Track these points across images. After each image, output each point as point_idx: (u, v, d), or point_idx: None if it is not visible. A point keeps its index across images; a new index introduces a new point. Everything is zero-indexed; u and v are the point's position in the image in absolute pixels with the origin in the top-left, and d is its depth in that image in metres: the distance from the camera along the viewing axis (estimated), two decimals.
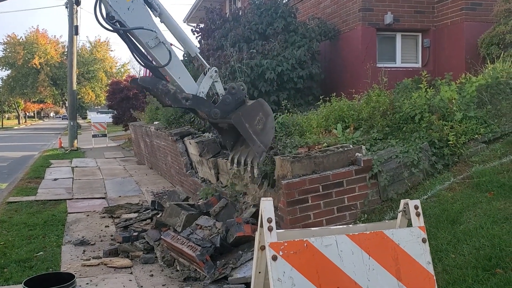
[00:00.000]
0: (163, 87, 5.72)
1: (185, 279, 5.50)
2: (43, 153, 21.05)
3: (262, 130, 5.83)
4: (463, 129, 6.17)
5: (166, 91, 5.71)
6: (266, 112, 5.92)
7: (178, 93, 5.74)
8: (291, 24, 10.14)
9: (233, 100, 5.83)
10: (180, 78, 5.76)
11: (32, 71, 48.52)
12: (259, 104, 5.98)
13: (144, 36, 5.46)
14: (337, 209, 5.55)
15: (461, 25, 9.59)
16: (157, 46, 5.52)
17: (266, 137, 5.87)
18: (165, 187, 11.62)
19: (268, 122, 5.91)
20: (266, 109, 5.97)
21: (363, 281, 2.46)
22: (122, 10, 5.33)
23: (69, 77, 22.78)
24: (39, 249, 6.75)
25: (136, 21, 5.40)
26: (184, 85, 5.79)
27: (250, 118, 5.79)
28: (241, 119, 5.75)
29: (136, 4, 5.39)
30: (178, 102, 5.76)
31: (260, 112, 5.87)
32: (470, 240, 4.34)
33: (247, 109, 5.85)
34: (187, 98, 5.73)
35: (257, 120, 5.81)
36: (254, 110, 5.86)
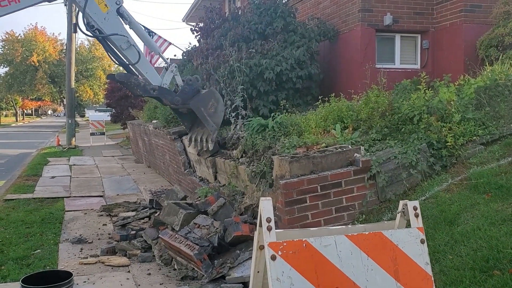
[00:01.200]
0: (135, 80, 7.26)
1: (182, 278, 5.50)
2: (41, 150, 21.01)
3: (214, 113, 7.49)
4: (461, 130, 6.18)
5: (137, 84, 7.26)
6: (217, 99, 7.57)
7: (147, 85, 7.26)
8: (290, 24, 10.13)
9: (190, 89, 7.40)
10: (147, 73, 7.23)
11: (30, 68, 48.44)
12: (211, 92, 7.61)
13: (118, 40, 6.86)
14: (335, 209, 5.56)
15: (460, 27, 9.60)
16: (128, 48, 6.93)
17: (218, 118, 7.53)
18: (163, 185, 11.61)
19: (219, 106, 7.55)
20: (217, 96, 7.65)
21: (362, 281, 2.46)
22: (99, 20, 6.75)
23: (68, 75, 22.75)
24: (37, 247, 6.74)
25: (111, 28, 6.80)
26: (151, 78, 7.26)
27: (204, 103, 7.43)
28: (198, 104, 7.38)
29: (111, 15, 6.84)
30: (147, 92, 7.35)
31: (212, 98, 7.49)
32: (468, 242, 4.35)
33: (202, 96, 7.44)
34: (154, 89, 7.26)
35: (210, 105, 7.46)
36: (207, 97, 7.48)
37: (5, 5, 6.37)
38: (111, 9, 6.89)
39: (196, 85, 7.55)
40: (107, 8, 6.85)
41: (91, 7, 6.74)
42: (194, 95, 7.48)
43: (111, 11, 6.89)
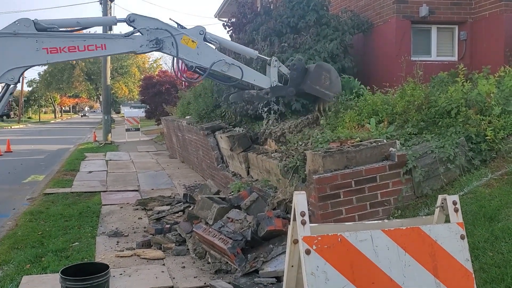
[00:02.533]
0: (247, 95, 7.46)
1: (216, 272, 5.54)
2: (78, 146, 21.57)
3: (331, 84, 7.32)
4: (501, 123, 5.96)
5: (251, 96, 7.45)
6: (327, 69, 7.42)
7: (259, 92, 7.32)
8: (323, 17, 9.99)
9: (298, 73, 7.29)
10: (255, 80, 7.24)
11: (67, 66, 49.67)
12: (319, 66, 7.44)
13: (217, 66, 6.96)
14: (370, 204, 5.47)
15: (501, 17, 9.26)
16: (229, 68, 7.01)
17: (336, 87, 7.40)
18: (196, 180, 11.73)
19: (332, 76, 7.40)
20: (326, 67, 7.52)
21: (399, 277, 2.40)
22: (194, 58, 6.84)
23: (103, 72, 23.24)
24: (75, 239, 6.92)
25: (206, 59, 6.90)
26: (260, 83, 7.25)
27: (317, 80, 7.28)
28: (311, 85, 7.23)
29: (201, 48, 6.91)
30: (262, 99, 7.55)
31: (323, 71, 7.33)
32: (509, 238, 4.20)
33: (312, 75, 7.27)
34: (267, 92, 7.24)
35: (323, 79, 7.30)
36: (317, 73, 7.32)
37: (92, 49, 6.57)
38: (199, 42, 6.92)
39: (301, 65, 7.41)
40: (195, 43, 6.88)
41: (182, 50, 6.78)
42: (303, 76, 7.34)
43: (200, 43, 6.93)
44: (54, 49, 6.32)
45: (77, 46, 6.45)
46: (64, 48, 6.37)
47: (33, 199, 9.93)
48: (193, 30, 7.02)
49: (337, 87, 7.32)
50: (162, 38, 6.75)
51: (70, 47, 6.41)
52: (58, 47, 6.34)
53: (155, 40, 6.69)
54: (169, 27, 6.80)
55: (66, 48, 6.38)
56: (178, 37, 6.78)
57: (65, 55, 6.46)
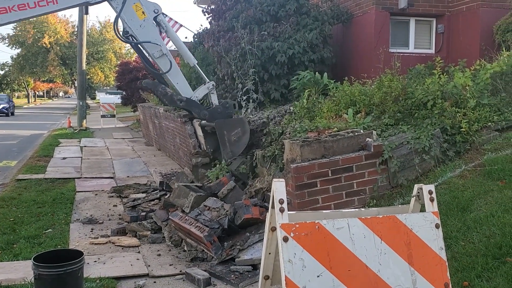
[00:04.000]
0: (162, 89, 7.21)
1: (192, 260, 5.52)
2: (52, 132, 21.16)
3: (236, 142, 7.17)
4: (476, 116, 6.08)
5: (164, 93, 7.20)
6: (244, 130, 7.22)
7: (174, 95, 7.16)
8: (303, 6, 9.99)
9: (224, 112, 7.26)
10: (178, 84, 7.12)
11: (42, 50, 48.55)
12: (241, 121, 7.30)
13: (151, 48, 6.81)
14: (346, 194, 5.52)
15: (477, 11, 9.41)
16: (161, 57, 6.84)
17: (237, 149, 7.19)
18: (173, 168, 11.63)
19: (243, 138, 7.21)
20: (245, 128, 7.28)
21: (375, 265, 2.43)
22: (135, 27, 6.70)
23: (79, 57, 22.77)
24: (48, 226, 6.80)
25: (146, 35, 6.75)
26: (181, 89, 7.16)
27: (229, 129, 7.13)
28: (222, 126, 7.11)
29: (147, 23, 6.77)
30: (174, 102, 7.27)
31: (239, 127, 7.18)
32: (481, 228, 4.30)
33: (230, 121, 7.21)
34: (181, 100, 7.14)
35: (235, 133, 7.17)
36: (235, 124, 7.19)
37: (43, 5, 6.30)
38: (148, 17, 6.81)
39: (231, 110, 7.45)
40: (144, 16, 6.76)
41: (127, 13, 6.63)
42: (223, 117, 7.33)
43: (148, 19, 6.81)
44: (2, 9, 6.02)
45: (27, 3, 6.14)
46: (13, 7, 6.06)
47: (4, 185, 9.71)
48: (150, 4, 6.88)
49: (238, 148, 7.27)
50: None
51: (20, 5, 6.11)
52: (7, 6, 6.03)
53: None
54: None
55: (15, 6, 6.08)
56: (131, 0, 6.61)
57: (15, 14, 6.14)
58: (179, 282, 4.97)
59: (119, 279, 5.01)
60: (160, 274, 5.16)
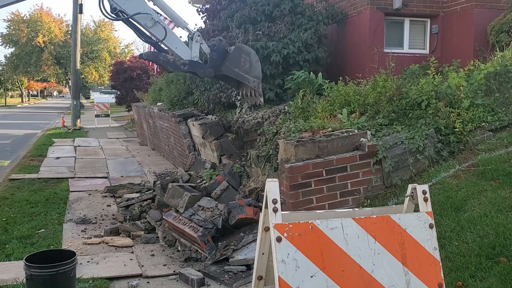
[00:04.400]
0: (163, 58, 7.01)
1: (186, 260, 5.50)
2: (46, 131, 21.04)
3: (250, 67, 7.00)
4: (470, 116, 6.09)
5: (166, 61, 6.99)
6: (247, 52, 7.07)
7: (176, 60, 6.93)
8: (298, 6, 9.97)
9: (218, 54, 6.99)
10: (177, 48, 6.90)
11: (35, 49, 48.28)
12: (239, 48, 7.09)
13: (142, 19, 6.56)
14: (340, 194, 5.52)
15: (471, 12, 9.42)
16: (154, 25, 6.61)
17: (256, 71, 7.02)
18: (167, 168, 11.60)
19: (252, 59, 7.05)
20: (246, 50, 7.14)
21: (368, 265, 2.42)
22: (121, 1, 6.44)
23: (73, 56, 22.67)
24: (41, 226, 6.76)
25: (134, 8, 6.50)
26: (181, 53, 6.92)
27: (236, 63, 6.96)
28: (230, 67, 6.91)
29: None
30: (177, 68, 7.04)
31: (242, 54, 7.00)
32: (474, 228, 4.30)
33: (230, 57, 6.96)
34: (184, 63, 6.89)
35: (243, 62, 6.99)
36: (237, 55, 7.00)
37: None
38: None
39: (222, 46, 7.09)
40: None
41: None
42: (223, 58, 7.05)
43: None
44: None
45: None
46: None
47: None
48: None
49: (256, 70, 7.06)
50: None
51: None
52: None
53: None
54: None
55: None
56: None
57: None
58: (172, 282, 4.95)
59: (112, 279, 4.99)
60: (154, 274, 5.13)
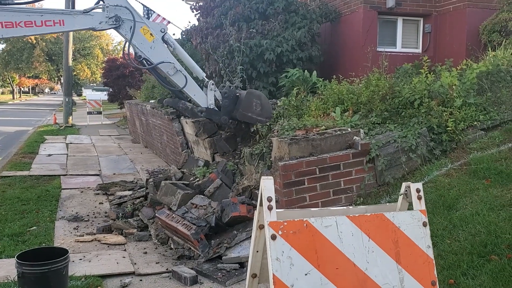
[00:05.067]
0: (182, 105, 7.56)
1: (179, 257, 5.49)
2: (38, 128, 20.90)
3: (262, 110, 7.27)
4: (462, 115, 6.13)
5: (185, 108, 7.54)
6: (257, 96, 7.36)
7: (194, 108, 7.40)
8: (291, 4, 9.98)
9: (229, 101, 7.34)
10: (195, 95, 7.26)
11: (27, 45, 47.92)
12: (249, 93, 7.38)
13: (165, 67, 6.92)
14: (333, 192, 5.53)
15: (464, 11, 9.49)
16: (175, 73, 6.98)
17: (267, 112, 7.34)
18: (160, 166, 11.55)
19: (262, 101, 7.33)
20: (256, 94, 7.45)
21: (362, 263, 2.43)
22: (146, 50, 6.79)
23: (65, 53, 22.51)
24: (32, 223, 6.72)
25: (157, 56, 6.84)
26: (199, 100, 7.28)
27: (249, 108, 7.23)
28: (243, 113, 7.21)
29: (157, 44, 6.86)
30: (195, 115, 7.55)
31: (253, 98, 7.27)
32: (466, 227, 4.33)
33: (243, 103, 7.25)
34: (202, 111, 7.29)
35: (255, 106, 7.26)
36: (248, 100, 7.26)
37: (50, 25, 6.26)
38: (156, 38, 6.85)
39: (233, 93, 7.44)
40: (152, 38, 6.81)
41: (137, 38, 6.69)
42: (235, 103, 7.37)
43: (157, 39, 6.86)
44: (9, 23, 6.00)
45: (34, 21, 6.14)
46: (20, 23, 6.05)
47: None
48: (156, 25, 7.04)
49: (268, 111, 7.35)
50: (123, 18, 6.61)
51: (27, 22, 6.09)
52: (14, 21, 6.02)
53: (115, 17, 6.53)
54: (133, 10, 6.68)
55: (22, 22, 6.06)
56: (139, 24, 6.70)
57: (21, 30, 6.13)
58: (165, 280, 4.94)
59: (104, 277, 4.97)
60: (146, 272, 5.12)
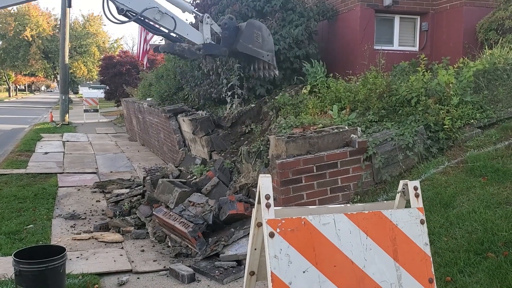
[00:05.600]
0: (178, 47, 7.06)
1: (176, 255, 5.49)
2: (34, 126, 20.83)
3: (263, 42, 7.12)
4: (459, 113, 6.15)
5: (182, 49, 7.06)
6: (258, 27, 7.19)
7: (191, 47, 7.01)
8: (289, 2, 9.96)
9: (230, 32, 7.07)
10: (188, 34, 6.96)
11: (23, 43, 47.70)
12: (250, 24, 7.20)
13: (150, 13, 6.61)
14: (330, 189, 5.54)
15: (461, 9, 9.49)
16: (162, 17, 6.67)
17: (269, 45, 7.20)
18: (157, 164, 11.54)
19: (263, 33, 7.18)
20: (257, 25, 7.28)
21: (360, 260, 2.43)
22: (126, 1, 6.43)
23: (61, 50, 22.43)
24: (29, 222, 6.70)
25: (139, 4, 6.52)
26: (193, 38, 6.99)
27: (250, 39, 7.04)
28: (244, 44, 6.99)
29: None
30: (194, 54, 7.11)
31: (254, 29, 7.10)
32: (463, 224, 4.35)
33: (244, 34, 7.04)
34: (199, 48, 6.96)
35: (255, 37, 7.09)
36: (249, 31, 7.09)
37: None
38: None
39: (233, 24, 7.18)
40: None
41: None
42: (236, 34, 7.13)
43: None
44: None
45: None
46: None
47: None
48: None
49: (269, 44, 7.20)
50: None
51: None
52: None
53: None
54: None
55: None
56: None
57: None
58: (163, 278, 4.94)
59: (102, 275, 4.96)
60: (144, 270, 5.12)
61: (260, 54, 7.15)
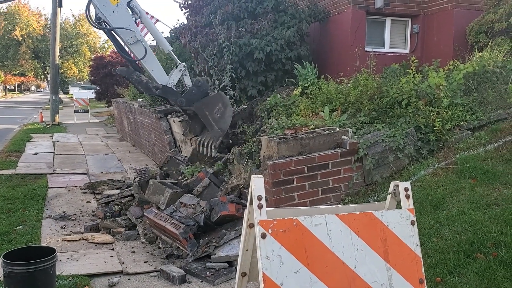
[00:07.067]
0: (137, 77, 6.91)
1: (167, 257, 5.47)
2: (24, 127, 20.66)
3: (221, 118, 6.92)
4: (449, 115, 6.20)
5: (139, 81, 6.90)
6: (225, 103, 7.01)
7: (149, 83, 6.88)
8: (281, 4, 10.00)
9: (198, 91, 6.96)
10: (154, 71, 6.86)
11: (13, 42, 47.34)
12: (219, 96, 7.10)
13: (124, 34, 6.58)
14: (322, 191, 5.56)
15: (451, 12, 9.58)
16: (135, 43, 6.63)
17: (224, 124, 6.96)
18: (148, 164, 11.51)
19: (226, 112, 6.97)
20: (225, 101, 7.10)
21: (351, 261, 2.45)
22: (107, 13, 6.48)
23: (52, 50, 22.29)
24: (19, 223, 6.65)
25: (119, 22, 6.53)
26: (157, 76, 6.89)
27: (210, 107, 6.91)
28: (202, 107, 6.91)
29: (120, 8, 6.56)
30: (149, 90, 6.94)
31: (219, 102, 6.94)
32: (453, 225, 4.38)
33: (208, 99, 6.96)
34: (157, 87, 6.84)
35: (217, 109, 6.93)
36: (214, 101, 6.96)
37: None
38: (121, 2, 6.61)
39: (205, 87, 7.12)
40: (117, 1, 6.56)
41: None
42: (202, 97, 7.03)
43: (121, 4, 6.61)
44: None
45: None
46: None
47: None
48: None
49: (225, 124, 7.00)
50: None
51: None
52: None
53: None
54: None
55: None
56: None
57: None
58: (153, 279, 4.92)
59: (92, 276, 4.93)
60: (135, 271, 5.10)
61: (211, 126, 6.98)
